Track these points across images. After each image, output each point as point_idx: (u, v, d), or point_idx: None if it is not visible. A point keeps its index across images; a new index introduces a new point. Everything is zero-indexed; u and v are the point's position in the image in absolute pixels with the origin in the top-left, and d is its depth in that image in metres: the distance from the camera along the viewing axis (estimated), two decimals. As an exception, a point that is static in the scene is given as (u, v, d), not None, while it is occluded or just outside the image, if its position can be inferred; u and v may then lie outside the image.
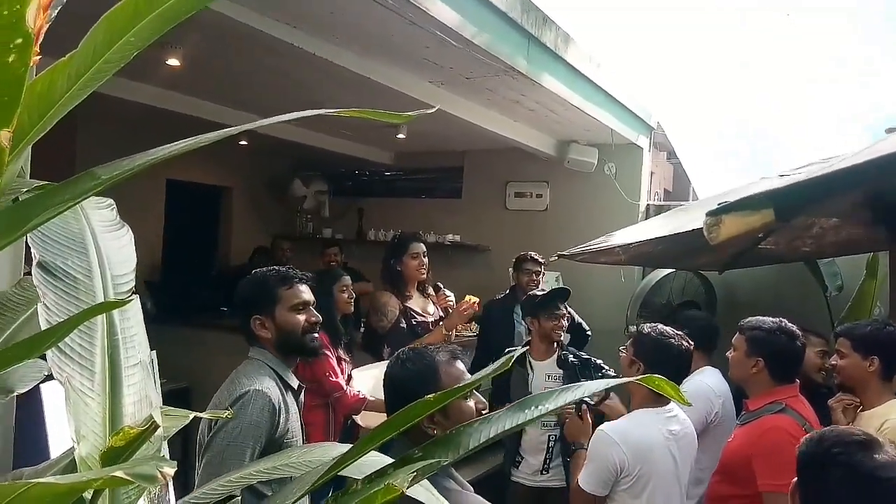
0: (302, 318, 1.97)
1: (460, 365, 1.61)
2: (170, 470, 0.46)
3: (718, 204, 1.21)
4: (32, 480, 0.43)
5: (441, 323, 3.39)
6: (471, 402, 1.53)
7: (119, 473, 0.43)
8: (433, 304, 3.55)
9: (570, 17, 3.63)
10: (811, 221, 3.38)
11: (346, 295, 3.24)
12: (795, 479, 1.39)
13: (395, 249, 3.54)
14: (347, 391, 3.00)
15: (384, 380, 1.64)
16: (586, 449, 2.27)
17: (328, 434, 3.10)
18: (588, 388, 0.77)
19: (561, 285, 4.10)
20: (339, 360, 3.13)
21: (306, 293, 2.02)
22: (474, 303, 3.36)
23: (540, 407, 0.70)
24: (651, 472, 2.10)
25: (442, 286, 3.61)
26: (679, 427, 2.23)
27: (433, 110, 0.85)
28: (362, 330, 3.77)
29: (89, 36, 0.67)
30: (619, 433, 2.13)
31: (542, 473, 3.12)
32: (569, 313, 3.54)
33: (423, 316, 3.45)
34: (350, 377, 3.14)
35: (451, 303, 3.53)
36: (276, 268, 2.08)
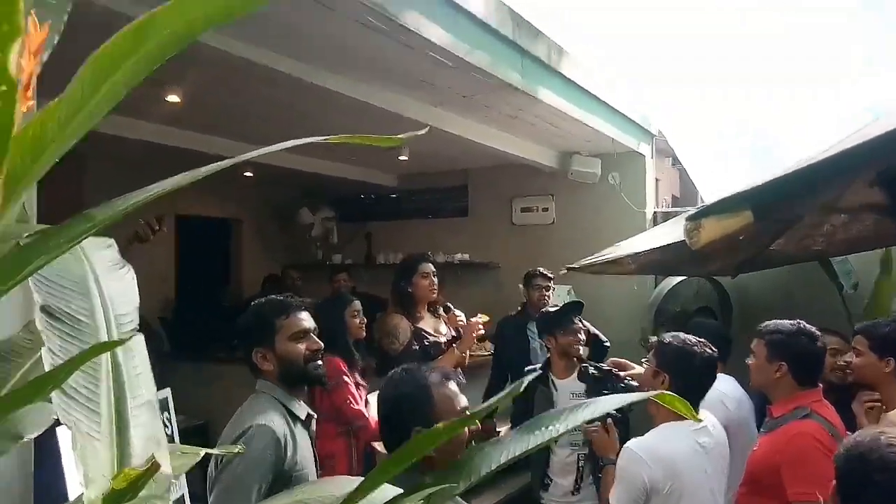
0: (303, 346, 1.94)
1: (453, 385, 1.60)
2: None
3: (697, 208, 1.21)
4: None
5: (454, 345, 3.36)
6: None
7: None
8: (445, 325, 3.53)
9: (564, 27, 3.65)
10: (820, 220, 3.35)
11: (357, 320, 3.23)
12: (834, 483, 1.35)
13: (404, 271, 3.53)
14: (370, 418, 2.97)
15: (377, 401, 1.62)
16: (615, 463, 2.22)
17: (351, 462, 3.07)
18: (599, 407, 0.74)
19: (573, 298, 4.07)
20: (356, 385, 3.12)
21: (306, 321, 1.98)
22: (481, 322, 3.33)
23: (550, 428, 0.68)
24: (683, 487, 2.03)
25: (452, 307, 3.59)
26: (709, 439, 2.15)
27: (424, 131, 0.85)
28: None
29: (76, 79, 0.67)
30: (646, 450, 2.06)
31: (573, 495, 3.07)
32: (584, 326, 3.52)
33: (436, 336, 3.43)
34: (367, 402, 3.11)
35: (463, 322, 3.50)
36: (274, 296, 2.05)
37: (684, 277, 4.43)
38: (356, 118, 3.81)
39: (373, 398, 3.19)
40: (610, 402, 0.75)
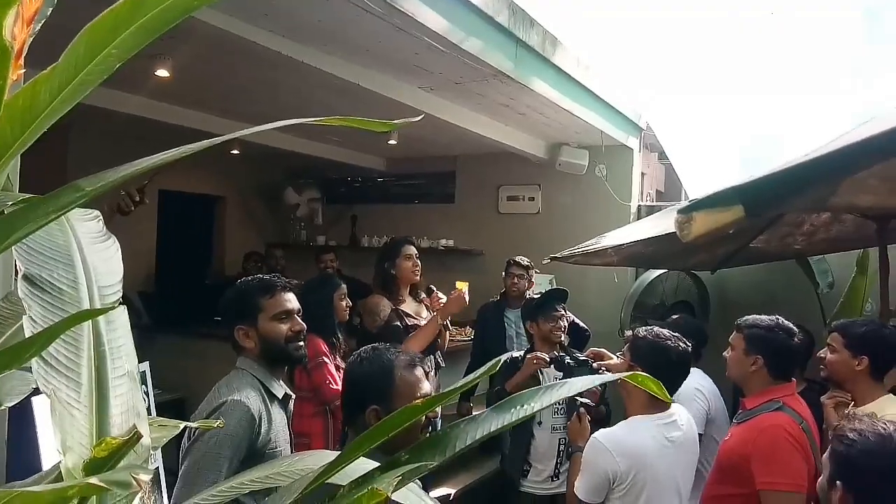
0: (285, 327, 1.95)
1: (419, 371, 1.63)
2: (144, 476, 0.46)
3: (689, 201, 1.22)
4: (15, 490, 0.43)
5: (436, 313, 3.38)
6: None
7: (94, 480, 0.43)
8: (426, 309, 3.55)
9: (557, 18, 3.65)
10: (801, 219, 3.40)
11: (343, 303, 3.24)
12: (840, 482, 1.39)
13: (388, 252, 3.55)
14: None
15: (343, 374, 1.66)
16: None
17: (328, 441, 3.09)
18: (573, 386, 0.77)
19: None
20: (336, 367, 3.13)
21: (290, 301, 2.00)
22: (463, 290, 3.37)
23: (525, 406, 0.70)
24: (646, 480, 2.06)
25: (435, 289, 3.61)
26: (679, 433, 2.17)
27: (419, 119, 0.86)
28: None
29: (70, 48, 0.67)
30: (612, 441, 2.10)
31: (552, 480, 3.10)
32: (565, 314, 3.56)
33: (416, 319, 3.45)
34: None
35: (444, 303, 3.49)
36: (260, 276, 2.05)
37: (665, 271, 4.48)
38: (347, 99, 3.79)
39: None
40: (582, 383, 0.77)
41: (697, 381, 2.98)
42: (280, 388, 1.95)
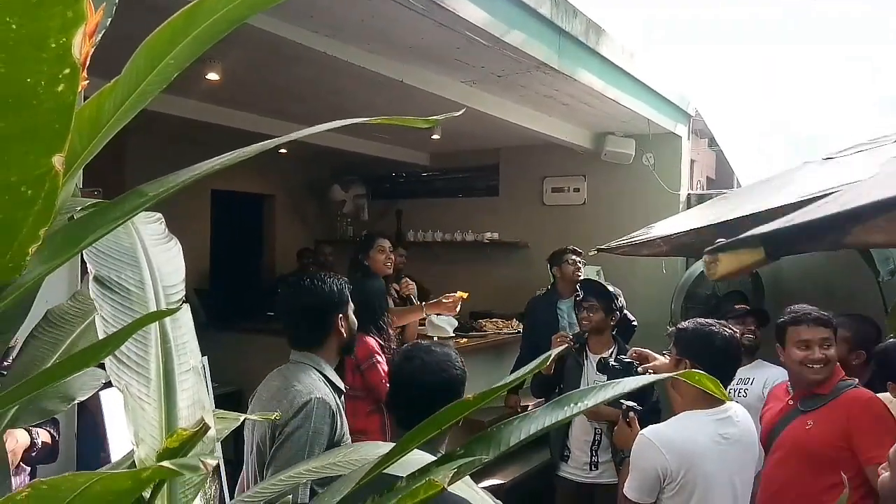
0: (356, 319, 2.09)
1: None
2: (211, 461, 0.49)
3: (715, 243, 1.29)
4: (97, 473, 0.46)
5: (423, 303, 3.65)
6: None
7: (166, 464, 0.46)
8: (393, 302, 3.76)
9: (601, 6, 3.59)
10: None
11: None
12: None
13: (362, 245, 3.81)
14: None
15: (390, 371, 1.70)
16: None
17: (384, 437, 3.15)
18: (626, 385, 0.77)
19: (601, 279, 4.08)
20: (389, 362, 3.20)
21: None
22: (461, 297, 3.60)
23: (579, 404, 0.71)
24: (697, 478, 1.97)
25: (405, 276, 3.89)
26: (734, 429, 2.06)
27: (460, 113, 0.87)
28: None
29: (131, 61, 0.71)
30: (661, 438, 2.01)
31: (591, 469, 3.10)
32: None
33: None
34: None
35: (413, 289, 3.84)
36: (330, 273, 2.15)
37: (717, 261, 4.38)
38: (391, 96, 3.82)
39: None
40: (634, 382, 0.77)
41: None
42: (340, 382, 2.02)
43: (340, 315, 2.01)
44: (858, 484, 2.02)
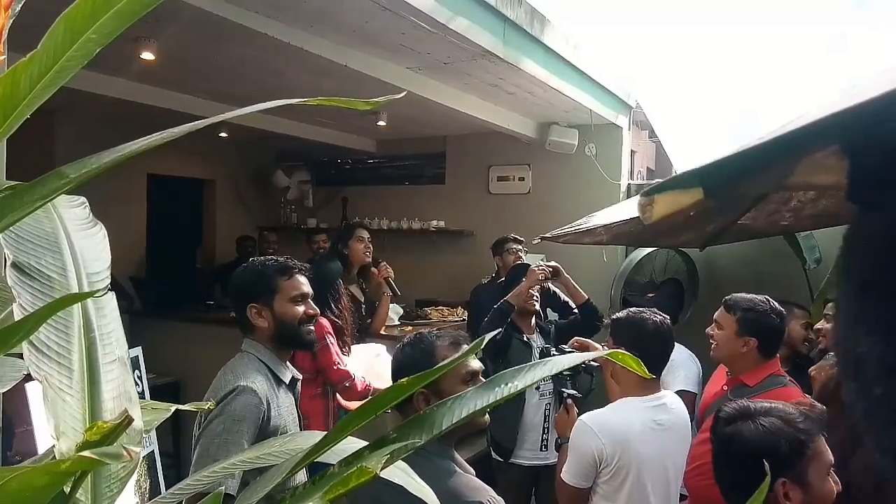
0: (301, 309, 1.96)
1: (464, 349, 1.61)
2: (136, 449, 0.47)
3: (650, 184, 1.26)
4: (13, 469, 0.44)
5: (388, 293, 3.94)
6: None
7: (87, 454, 0.44)
8: (362, 293, 3.91)
9: (545, -2, 3.62)
10: (788, 195, 3.42)
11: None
12: None
13: (342, 234, 3.95)
14: (357, 380, 3.02)
15: (391, 366, 1.67)
16: None
17: (328, 423, 3.11)
18: (556, 364, 0.79)
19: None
20: (342, 346, 3.16)
21: (306, 285, 2.01)
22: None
23: (510, 384, 0.71)
24: (631, 463, 2.03)
25: (382, 261, 4.00)
26: (667, 416, 2.13)
27: (401, 95, 0.86)
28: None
29: (48, 35, 0.67)
30: (597, 423, 2.07)
31: (541, 450, 3.15)
32: (555, 292, 3.62)
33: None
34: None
35: (391, 274, 3.96)
36: (276, 258, 2.05)
37: (654, 249, 4.50)
38: (335, 81, 3.76)
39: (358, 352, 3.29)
40: (565, 360, 0.79)
41: (682, 347, 3.05)
42: (287, 372, 1.96)
43: (253, 305, 1.92)
44: None
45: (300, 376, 2.05)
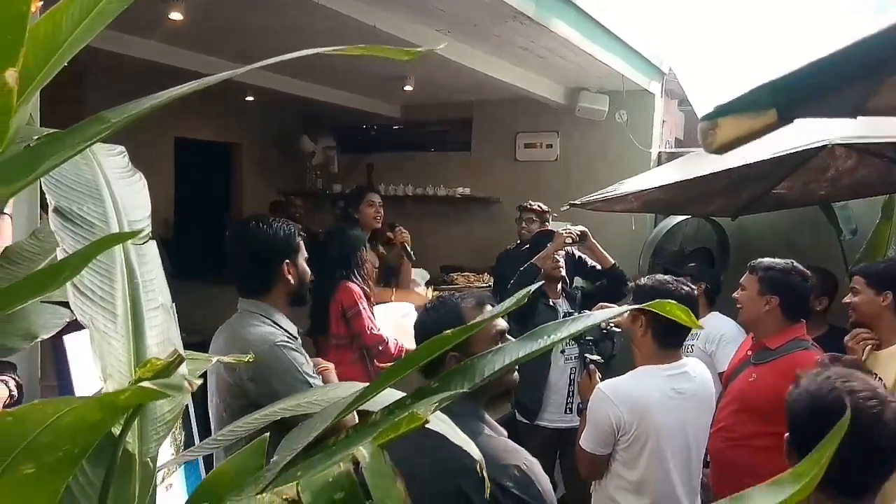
0: (308, 269, 2.01)
1: (488, 309, 1.59)
2: (197, 381, 0.47)
3: (714, 107, 1.04)
4: (70, 400, 0.44)
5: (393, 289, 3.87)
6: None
7: (147, 384, 0.44)
8: (377, 258, 3.87)
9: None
10: (826, 164, 3.33)
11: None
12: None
13: (352, 199, 3.91)
14: (391, 343, 3.04)
15: (415, 329, 1.66)
16: None
17: None
18: (595, 318, 0.79)
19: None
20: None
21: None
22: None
23: (551, 336, 0.71)
24: (650, 431, 2.02)
25: (398, 225, 3.99)
26: (688, 385, 2.11)
27: (442, 46, 0.84)
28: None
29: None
30: (615, 391, 2.06)
31: (566, 413, 3.18)
32: (581, 258, 3.61)
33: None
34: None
35: (407, 238, 3.93)
36: (275, 219, 2.04)
37: (684, 217, 4.43)
38: (362, 42, 3.69)
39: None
40: (602, 315, 0.78)
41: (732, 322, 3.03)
42: (293, 327, 1.97)
43: (287, 262, 1.93)
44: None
45: (299, 331, 2.07)
